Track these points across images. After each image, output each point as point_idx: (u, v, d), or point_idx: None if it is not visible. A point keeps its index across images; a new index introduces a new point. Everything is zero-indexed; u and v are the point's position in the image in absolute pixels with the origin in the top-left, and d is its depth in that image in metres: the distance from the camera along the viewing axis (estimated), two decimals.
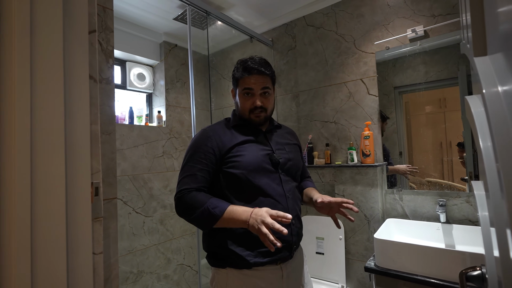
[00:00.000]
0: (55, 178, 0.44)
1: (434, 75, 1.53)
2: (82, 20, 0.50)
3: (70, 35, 0.48)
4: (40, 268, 0.41)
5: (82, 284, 0.46)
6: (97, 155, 0.53)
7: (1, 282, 0.38)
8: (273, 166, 0.95)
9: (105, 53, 0.77)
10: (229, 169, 0.91)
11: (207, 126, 1.02)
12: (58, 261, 0.43)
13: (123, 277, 1.84)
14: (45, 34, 0.44)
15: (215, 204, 0.84)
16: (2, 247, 0.39)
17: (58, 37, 0.45)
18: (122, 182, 1.90)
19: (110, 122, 0.75)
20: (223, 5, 1.98)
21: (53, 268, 0.42)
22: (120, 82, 2.25)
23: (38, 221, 0.41)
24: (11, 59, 0.40)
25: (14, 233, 0.39)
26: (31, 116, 0.41)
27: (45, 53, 0.44)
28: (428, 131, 1.58)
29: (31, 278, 0.39)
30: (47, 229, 0.42)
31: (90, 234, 0.48)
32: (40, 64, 0.43)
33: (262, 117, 0.99)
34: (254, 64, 0.97)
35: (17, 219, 0.40)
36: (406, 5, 1.61)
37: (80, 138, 0.48)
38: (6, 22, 0.40)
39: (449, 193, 1.47)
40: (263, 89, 0.97)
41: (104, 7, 0.79)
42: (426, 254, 1.17)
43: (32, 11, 0.43)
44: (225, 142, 0.94)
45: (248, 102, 0.97)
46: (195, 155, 0.92)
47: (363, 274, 1.70)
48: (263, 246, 0.87)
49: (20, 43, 0.41)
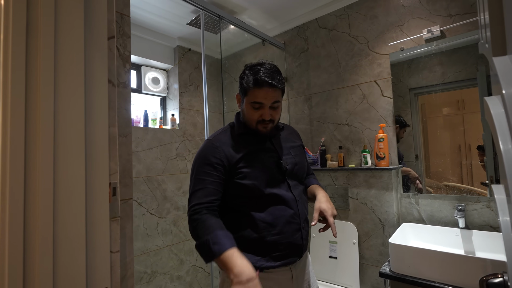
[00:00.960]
0: (76, 179, 0.46)
1: (451, 76, 1.49)
2: (102, 27, 0.52)
3: (90, 41, 0.50)
4: (62, 264, 0.42)
5: (99, 281, 0.48)
6: (115, 157, 0.55)
7: (25, 276, 0.40)
8: (281, 173, 0.94)
9: (122, 58, 0.80)
10: (240, 180, 0.90)
11: (212, 135, 0.99)
12: (78, 258, 0.44)
13: (137, 277, 1.88)
14: (68, 40, 0.46)
15: (216, 240, 0.79)
16: (27, 244, 0.41)
17: (79, 44, 0.48)
18: (137, 183, 1.94)
19: (127, 124, 0.77)
20: (235, 9, 2.00)
21: (73, 264, 0.44)
22: (136, 86, 2.31)
23: (60, 219, 0.43)
24: (37, 65, 0.43)
25: (38, 231, 0.41)
26: (54, 119, 0.43)
27: (67, 59, 0.46)
28: (446, 133, 1.53)
29: (53, 273, 0.41)
30: (68, 228, 0.44)
31: (108, 233, 0.50)
32: (63, 69, 0.45)
33: (269, 128, 0.96)
34: (265, 76, 0.90)
35: (41, 217, 0.42)
36: (422, 5, 1.58)
37: (99, 140, 0.50)
38: (33, 31, 0.43)
39: (468, 197, 1.42)
40: (273, 103, 0.93)
41: (122, 14, 0.82)
42: (445, 260, 1.13)
43: (56, 19, 0.45)
44: (233, 153, 0.92)
45: (256, 114, 0.93)
46: (203, 167, 0.90)
47: (378, 280, 1.66)
48: (275, 251, 0.88)
49: (45, 50, 0.44)
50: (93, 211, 0.47)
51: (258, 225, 0.89)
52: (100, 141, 0.50)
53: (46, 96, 0.43)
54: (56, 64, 0.44)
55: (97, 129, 0.50)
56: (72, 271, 0.44)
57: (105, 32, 0.54)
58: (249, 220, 0.90)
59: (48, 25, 0.44)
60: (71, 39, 0.47)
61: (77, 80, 0.47)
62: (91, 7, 0.51)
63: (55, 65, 0.45)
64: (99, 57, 0.51)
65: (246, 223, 0.90)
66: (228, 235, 0.83)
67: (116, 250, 0.53)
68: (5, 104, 0.41)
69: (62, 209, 0.44)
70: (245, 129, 0.99)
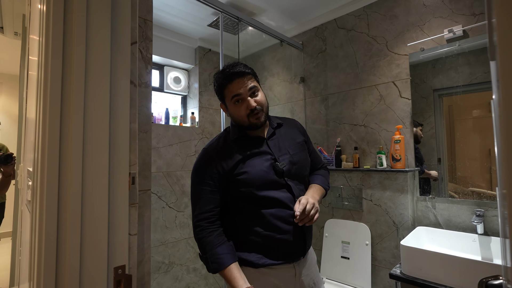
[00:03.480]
0: (101, 168, 0.52)
1: (480, 77, 1.43)
2: (126, 34, 0.59)
3: (115, 47, 0.57)
4: (88, 241, 0.49)
5: (119, 259, 0.55)
6: (134, 150, 0.62)
7: (58, 249, 0.47)
8: (278, 175, 0.94)
9: (145, 60, 0.87)
10: (236, 187, 0.93)
11: (208, 144, 1.02)
12: (101, 237, 0.51)
13: (156, 266, 1.98)
14: (96, 47, 0.53)
15: (216, 258, 0.87)
16: (60, 222, 0.48)
17: (106, 49, 0.54)
18: (157, 178, 2.05)
19: (147, 121, 0.84)
20: (254, 10, 2.05)
21: (97, 242, 0.50)
22: (158, 85, 2.43)
23: (87, 202, 0.50)
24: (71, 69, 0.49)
25: (69, 211, 0.48)
26: (84, 115, 0.50)
27: (95, 63, 0.53)
28: (475, 137, 1.46)
29: (80, 248, 0.48)
30: (93, 210, 0.51)
31: (127, 217, 0.56)
32: (92, 71, 0.52)
33: (262, 116, 0.96)
34: (229, 69, 0.94)
35: (71, 200, 0.49)
36: (444, 4, 1.54)
37: (121, 134, 0.56)
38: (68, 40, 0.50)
39: (488, 203, 1.38)
40: (250, 89, 0.94)
41: (144, 19, 0.90)
42: (459, 265, 1.11)
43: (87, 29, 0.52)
44: (228, 161, 0.94)
45: (242, 108, 0.94)
46: (201, 178, 0.95)
47: (390, 282, 1.65)
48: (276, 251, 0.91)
49: (77, 55, 0.51)
50: (115, 197, 0.54)
51: (257, 227, 0.91)
52: (122, 136, 0.56)
53: (77, 95, 0.50)
54: (86, 67, 0.51)
55: (120, 125, 0.56)
56: (96, 247, 0.50)
57: (128, 39, 0.60)
58: (249, 222, 0.93)
59: (80, 33, 0.51)
60: (99, 45, 0.53)
61: (103, 82, 0.54)
62: (117, 17, 0.58)
63: (85, 69, 0.51)
64: (123, 61, 0.58)
65: (246, 225, 0.93)
66: (225, 250, 0.89)
67: (134, 233, 0.60)
68: (45, 101, 0.48)
69: (89, 193, 0.50)
70: (239, 133, 0.99)
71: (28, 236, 0.60)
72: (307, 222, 0.89)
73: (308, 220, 0.89)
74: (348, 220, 1.86)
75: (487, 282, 0.57)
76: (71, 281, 0.48)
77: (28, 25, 1.15)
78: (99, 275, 0.51)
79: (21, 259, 1.08)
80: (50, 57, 0.48)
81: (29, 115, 0.83)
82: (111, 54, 0.55)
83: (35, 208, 0.49)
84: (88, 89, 0.51)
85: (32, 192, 0.53)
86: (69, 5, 0.50)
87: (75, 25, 0.50)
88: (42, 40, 0.50)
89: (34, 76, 0.67)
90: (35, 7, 0.83)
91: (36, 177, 0.49)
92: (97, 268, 0.51)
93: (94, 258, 0.50)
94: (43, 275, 0.45)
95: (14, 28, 2.28)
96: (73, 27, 0.50)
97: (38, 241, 0.46)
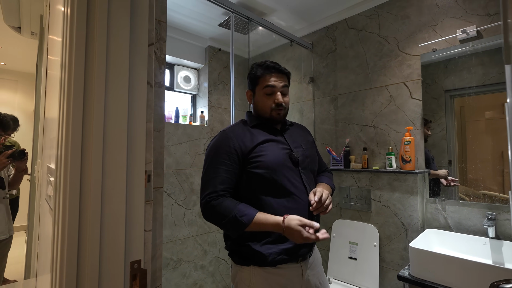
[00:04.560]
0: (119, 166, 0.54)
1: (494, 77, 1.41)
2: (143, 36, 0.61)
3: (134, 49, 0.59)
4: (106, 235, 0.51)
5: (135, 253, 0.57)
6: (150, 149, 0.64)
7: (80, 244, 0.49)
8: (293, 164, 0.97)
9: (159, 61, 0.89)
10: (253, 169, 0.93)
11: (226, 128, 1.03)
12: (119, 232, 0.53)
13: (164, 262, 2.02)
14: (116, 49, 0.55)
15: (243, 212, 0.86)
16: (82, 217, 0.50)
17: (125, 51, 0.56)
18: (167, 176, 2.08)
19: (160, 120, 0.86)
20: (265, 10, 2.06)
21: (115, 236, 0.52)
22: (169, 84, 2.46)
23: (107, 199, 0.52)
24: (92, 71, 0.52)
25: (90, 207, 0.50)
26: (104, 115, 0.52)
27: (115, 64, 0.55)
28: (487, 138, 1.43)
29: (100, 241, 0.50)
30: (112, 206, 0.53)
31: (143, 214, 0.58)
32: (112, 73, 0.54)
33: (282, 114, 1.03)
34: (273, 63, 1.03)
35: (92, 196, 0.51)
36: (457, 4, 1.52)
37: (139, 134, 0.58)
38: (90, 43, 0.52)
39: (500, 206, 1.36)
40: (283, 87, 1.01)
41: (159, 20, 0.92)
42: (470, 268, 1.10)
43: (108, 31, 0.54)
44: (247, 143, 0.95)
45: (270, 100, 1.00)
46: (218, 156, 0.93)
47: (398, 284, 1.64)
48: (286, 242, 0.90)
49: (99, 56, 0.53)
50: (132, 193, 0.56)
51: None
52: (139, 135, 0.58)
53: (98, 95, 0.52)
54: (107, 69, 0.53)
55: (137, 124, 0.58)
56: (114, 242, 0.52)
57: (146, 40, 0.62)
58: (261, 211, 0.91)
59: (101, 35, 0.53)
60: (119, 47, 0.55)
61: (123, 82, 0.55)
62: (135, 19, 0.59)
63: (106, 70, 0.53)
64: (141, 62, 0.60)
65: None
66: (248, 206, 0.89)
67: (149, 229, 0.62)
68: (68, 100, 0.50)
69: (108, 190, 0.52)
70: (257, 121, 1.04)
71: (49, 230, 0.63)
72: (322, 211, 0.91)
73: (323, 209, 0.91)
74: (356, 221, 1.86)
75: (498, 286, 0.57)
76: (91, 273, 0.50)
77: (47, 26, 1.19)
78: (117, 268, 0.53)
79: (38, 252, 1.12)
80: (74, 58, 0.50)
81: (50, 114, 0.86)
82: (130, 56, 0.56)
83: (58, 203, 0.51)
84: (109, 89, 0.53)
85: (55, 188, 0.55)
86: (91, 8, 0.52)
87: (97, 27, 0.52)
88: (66, 41, 0.52)
89: (55, 76, 0.70)
90: (55, 8, 0.86)
91: (59, 173, 0.51)
92: (115, 262, 0.53)
93: (113, 252, 0.53)
94: (65, 268, 0.47)
95: (31, 28, 2.35)
96: (95, 30, 0.52)
97: (61, 235, 0.48)
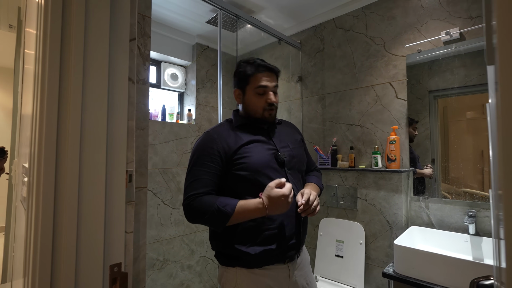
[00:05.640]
0: (98, 165, 0.52)
1: (475, 79, 1.45)
2: (125, 30, 0.58)
3: (114, 44, 0.56)
4: (84, 238, 0.49)
5: (115, 256, 0.54)
6: (132, 147, 0.61)
7: (54, 248, 0.47)
8: (279, 165, 0.95)
9: (143, 57, 0.86)
10: (237, 171, 0.91)
11: (210, 128, 1.01)
12: (98, 234, 0.51)
13: (150, 263, 1.98)
14: (95, 43, 0.53)
15: (224, 203, 0.85)
16: (56, 219, 0.47)
17: (105, 46, 0.54)
18: (153, 175, 2.04)
19: (144, 118, 0.83)
20: (253, 8, 2.04)
21: (93, 239, 0.50)
22: (155, 81, 2.41)
23: (84, 199, 0.50)
24: (69, 66, 0.49)
25: (66, 208, 0.48)
26: (81, 112, 0.50)
27: (94, 59, 0.52)
28: (468, 138, 1.48)
29: (76, 244, 0.48)
30: (90, 207, 0.51)
31: (124, 215, 0.56)
32: (90, 68, 0.52)
33: (274, 114, 1.01)
34: (262, 61, 1.00)
35: (68, 198, 0.48)
36: (442, 7, 1.55)
37: (119, 132, 0.56)
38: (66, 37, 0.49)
39: (480, 204, 1.40)
40: (274, 87, 1.00)
41: (143, 15, 0.89)
42: (450, 264, 1.13)
43: (86, 25, 0.51)
44: (231, 144, 0.93)
45: (262, 100, 0.98)
46: (201, 158, 0.91)
47: (383, 281, 1.67)
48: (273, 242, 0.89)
49: (76, 51, 0.50)
50: (112, 194, 0.54)
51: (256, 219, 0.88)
52: (120, 133, 0.56)
53: (75, 90, 0.50)
54: (84, 63, 0.51)
55: (118, 122, 0.56)
56: (92, 245, 0.50)
57: (127, 35, 0.60)
58: None
59: (78, 27, 0.51)
60: (98, 41, 0.53)
61: (102, 78, 0.53)
62: (116, 13, 0.57)
63: (83, 64, 0.51)
64: (122, 57, 0.57)
65: None
66: (229, 197, 0.88)
67: (130, 230, 0.60)
68: (42, 96, 0.47)
69: (86, 191, 0.50)
70: (244, 120, 1.02)
71: (23, 232, 0.60)
72: (310, 213, 0.90)
73: (311, 211, 0.89)
74: (342, 219, 1.88)
75: (478, 282, 0.58)
76: (67, 278, 0.47)
77: (24, 18, 1.14)
78: (95, 272, 0.51)
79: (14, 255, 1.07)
80: (48, 51, 0.47)
81: (25, 110, 0.82)
82: (110, 50, 0.54)
83: (31, 205, 0.49)
84: (86, 85, 0.50)
85: (28, 188, 0.52)
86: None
87: (73, 19, 0.49)
88: (40, 34, 0.50)
89: (30, 70, 0.67)
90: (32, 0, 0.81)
91: (33, 173, 0.48)
92: (93, 266, 0.50)
93: (90, 255, 0.50)
94: (38, 272, 0.45)
95: (9, 21, 2.24)
96: (72, 22, 0.49)
97: (34, 238, 0.46)
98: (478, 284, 0.57)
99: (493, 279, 0.55)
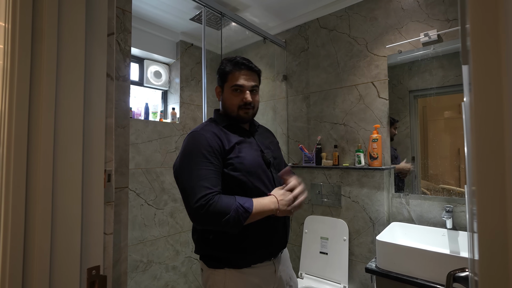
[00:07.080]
0: (74, 164, 0.50)
1: (452, 80, 1.51)
2: (102, 24, 0.56)
3: (91, 38, 0.54)
4: (58, 242, 0.47)
5: (93, 259, 0.52)
6: (110, 146, 0.59)
7: (26, 252, 0.44)
8: (266, 165, 0.97)
9: (123, 53, 0.84)
10: (230, 171, 0.89)
11: (199, 128, 0.95)
12: (74, 237, 0.49)
13: (133, 265, 1.93)
14: (69, 37, 0.50)
15: (243, 200, 0.83)
16: (28, 222, 0.45)
17: (80, 40, 0.51)
18: (136, 175, 1.99)
19: (125, 116, 0.81)
20: (238, 6, 2.03)
21: (69, 242, 0.48)
22: (138, 79, 2.35)
23: (59, 201, 0.47)
24: (41, 60, 0.46)
25: (38, 211, 0.45)
26: (55, 109, 0.47)
27: (69, 54, 0.50)
28: (446, 137, 1.54)
29: (51, 249, 0.45)
30: (65, 209, 0.48)
31: (102, 216, 0.54)
32: (65, 63, 0.49)
33: (250, 114, 1.00)
34: (242, 59, 0.99)
35: (40, 199, 0.46)
36: (421, 9, 1.60)
37: (96, 130, 0.54)
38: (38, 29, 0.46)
39: (457, 199, 1.46)
40: (252, 87, 0.98)
41: (123, 10, 0.86)
42: (429, 258, 1.17)
43: (59, 17, 0.49)
44: (224, 143, 0.91)
45: (238, 98, 0.97)
46: (201, 158, 0.86)
47: (366, 276, 1.71)
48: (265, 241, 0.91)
49: (48, 45, 0.47)
50: (89, 195, 0.52)
51: None
52: (97, 131, 0.54)
53: (48, 86, 0.47)
54: (58, 57, 0.48)
55: (95, 119, 0.53)
56: (68, 248, 0.48)
57: (105, 29, 0.58)
58: None
59: (51, 20, 0.48)
60: (72, 34, 0.51)
61: (77, 73, 0.51)
62: (92, 6, 0.55)
63: (57, 59, 0.48)
64: (99, 52, 0.55)
65: None
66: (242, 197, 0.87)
67: (110, 232, 0.58)
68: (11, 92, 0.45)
69: (60, 191, 0.48)
70: (228, 121, 1.00)
71: None
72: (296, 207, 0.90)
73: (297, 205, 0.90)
74: (327, 217, 1.90)
75: (454, 275, 0.60)
76: (40, 282, 0.45)
77: None
78: (71, 276, 0.49)
79: None
80: (17, 45, 0.44)
81: None
82: (86, 45, 0.52)
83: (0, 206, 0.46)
84: (60, 81, 0.48)
85: None
86: None
87: (46, 10, 0.47)
88: (8, 26, 0.47)
89: None
90: None
91: (1, 174, 0.45)
92: (68, 270, 0.48)
93: (66, 259, 0.48)
94: (8, 278, 0.42)
95: None
96: (44, 13, 0.47)
97: (3, 242, 0.43)
98: (454, 276, 0.59)
99: (468, 271, 0.58)
